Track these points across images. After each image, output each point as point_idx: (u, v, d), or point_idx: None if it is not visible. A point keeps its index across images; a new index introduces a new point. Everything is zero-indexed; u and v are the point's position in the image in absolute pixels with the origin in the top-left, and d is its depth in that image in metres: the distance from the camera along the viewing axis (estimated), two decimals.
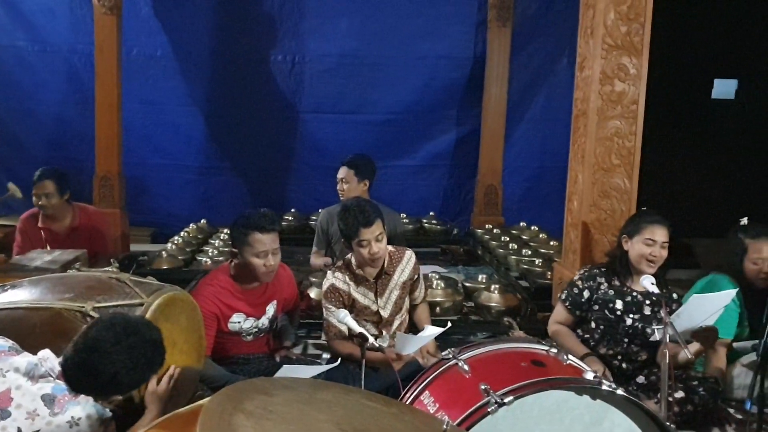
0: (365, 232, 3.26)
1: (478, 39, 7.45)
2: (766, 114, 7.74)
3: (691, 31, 7.41)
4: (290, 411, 1.53)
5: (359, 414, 1.61)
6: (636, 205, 3.98)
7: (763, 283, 3.57)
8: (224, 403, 1.45)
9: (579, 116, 4.14)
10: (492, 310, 4.55)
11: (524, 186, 7.83)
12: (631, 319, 3.43)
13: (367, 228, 3.26)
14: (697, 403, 3.28)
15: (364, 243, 3.28)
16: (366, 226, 3.26)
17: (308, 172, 7.62)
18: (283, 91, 7.51)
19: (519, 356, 2.41)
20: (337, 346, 3.35)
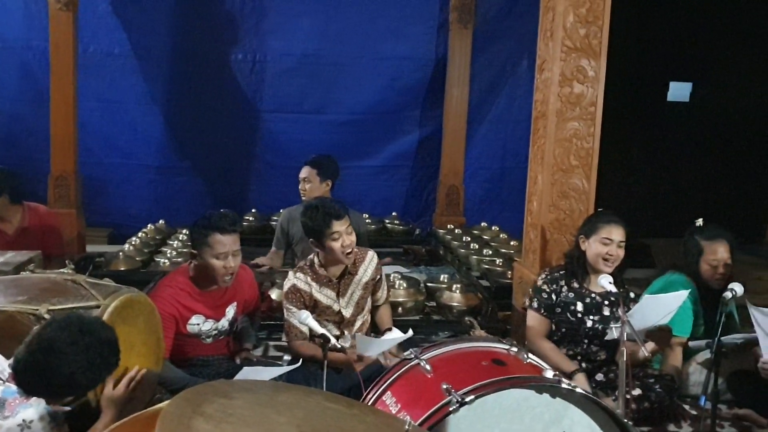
0: (337, 225, 3.27)
1: (440, 40, 7.49)
2: (721, 116, 7.94)
3: (647, 35, 7.57)
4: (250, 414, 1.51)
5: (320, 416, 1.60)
6: (594, 206, 4.04)
7: (718, 284, 3.64)
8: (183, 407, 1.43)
9: (539, 118, 4.18)
10: (454, 309, 4.58)
11: (485, 187, 7.89)
12: (591, 320, 3.48)
13: (338, 220, 3.27)
14: (653, 400, 3.35)
15: (336, 235, 3.27)
16: (337, 218, 3.28)
17: (269, 172, 7.57)
18: (244, 91, 7.45)
19: (480, 355, 2.42)
20: (299, 348, 3.33)
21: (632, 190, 7.91)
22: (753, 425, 3.42)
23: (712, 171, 8.07)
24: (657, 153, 8.06)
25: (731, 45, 7.72)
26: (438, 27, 7.50)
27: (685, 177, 8.05)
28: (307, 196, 4.47)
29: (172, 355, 3.18)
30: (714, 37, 7.72)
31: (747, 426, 3.43)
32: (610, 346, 3.46)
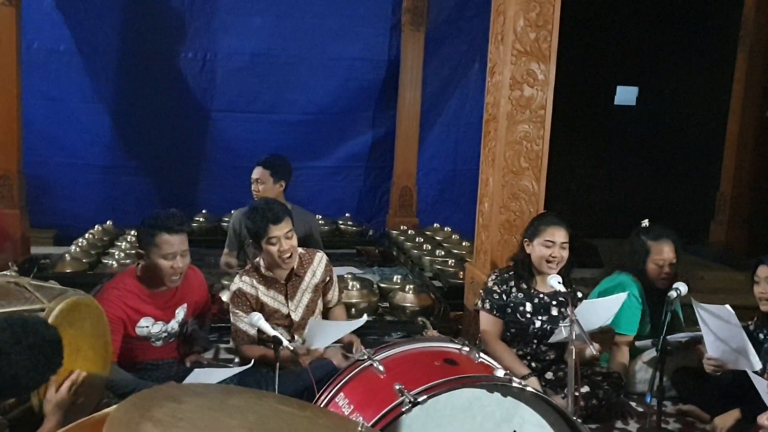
0: (274, 229, 3.23)
1: (393, 42, 7.52)
2: (666, 120, 8.17)
3: (595, 40, 7.73)
4: (201, 418, 1.49)
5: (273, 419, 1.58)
6: (543, 207, 4.10)
7: (664, 283, 3.74)
8: (131, 412, 1.40)
9: (490, 120, 4.23)
10: (406, 310, 4.60)
11: (438, 188, 7.95)
12: (540, 321, 3.53)
13: (276, 225, 3.23)
14: (601, 397, 3.42)
15: (273, 240, 3.24)
16: (275, 222, 3.23)
17: (220, 172, 7.47)
18: (194, 90, 7.34)
19: (432, 355, 2.44)
20: (247, 351, 3.29)
21: (580, 192, 8.07)
22: (696, 420, 3.52)
23: (658, 173, 8.29)
24: (604, 155, 8.24)
25: (676, 51, 7.95)
26: (391, 29, 7.52)
27: (632, 179, 8.25)
28: (260, 197, 4.43)
29: (121, 358, 3.11)
30: (659, 44, 7.94)
31: (691, 421, 3.52)
32: (559, 345, 3.51)
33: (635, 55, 8.00)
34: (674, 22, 7.93)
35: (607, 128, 8.23)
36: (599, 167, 8.26)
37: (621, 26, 7.86)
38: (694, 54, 7.97)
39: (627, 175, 8.26)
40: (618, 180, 8.28)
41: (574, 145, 7.74)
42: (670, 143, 8.21)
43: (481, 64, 7.18)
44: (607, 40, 7.84)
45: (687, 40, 7.95)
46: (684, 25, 7.94)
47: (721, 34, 7.76)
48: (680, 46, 7.95)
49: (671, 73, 8.03)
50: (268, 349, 3.18)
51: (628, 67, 8.12)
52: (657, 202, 7.83)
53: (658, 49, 7.95)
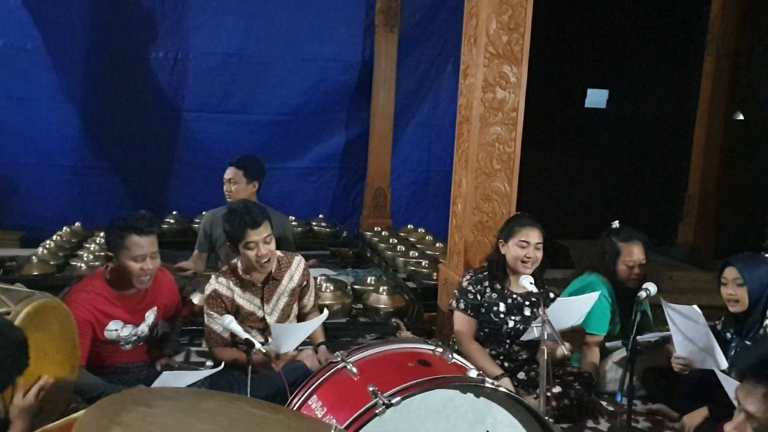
0: (252, 234, 3.20)
1: (367, 43, 7.52)
2: (636, 123, 8.28)
3: (566, 43, 7.81)
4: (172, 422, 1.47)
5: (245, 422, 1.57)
6: (515, 209, 4.13)
7: (633, 284, 3.79)
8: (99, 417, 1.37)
9: (463, 122, 4.24)
10: (380, 311, 4.59)
11: (411, 189, 7.96)
12: (513, 321, 3.55)
13: (254, 229, 3.20)
14: (573, 397, 3.45)
15: (251, 245, 3.21)
16: (253, 227, 3.20)
17: (191, 173, 7.40)
18: (165, 89, 7.26)
19: (406, 357, 2.44)
20: (219, 354, 3.26)
21: (552, 194, 8.14)
22: (665, 419, 3.56)
23: (628, 175, 8.40)
24: (575, 157, 8.32)
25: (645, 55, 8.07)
26: (364, 30, 7.52)
27: (602, 181, 8.35)
28: (233, 198, 4.39)
29: (90, 362, 3.06)
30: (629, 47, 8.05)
31: (660, 420, 3.57)
32: (531, 345, 3.53)
33: (605, 59, 8.10)
34: (643, 26, 8.05)
35: (578, 131, 8.32)
36: (570, 169, 8.35)
37: (591, 30, 7.95)
38: (662, 58, 8.09)
39: (597, 177, 8.36)
40: (589, 182, 8.37)
41: (545, 148, 7.81)
42: (640, 146, 8.33)
43: (455, 65, 7.20)
44: (578, 44, 7.93)
45: (656, 44, 8.08)
46: (653, 30, 8.06)
47: (688, 38, 7.89)
48: (649, 50, 8.07)
49: (641, 77, 8.15)
50: (242, 351, 3.16)
51: (599, 70, 8.22)
52: (627, 203, 7.93)
53: (627, 53, 8.06)
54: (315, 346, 3.52)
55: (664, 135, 8.32)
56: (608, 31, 7.98)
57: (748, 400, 1.33)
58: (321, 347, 3.50)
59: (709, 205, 7.41)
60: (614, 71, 8.21)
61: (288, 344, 3.03)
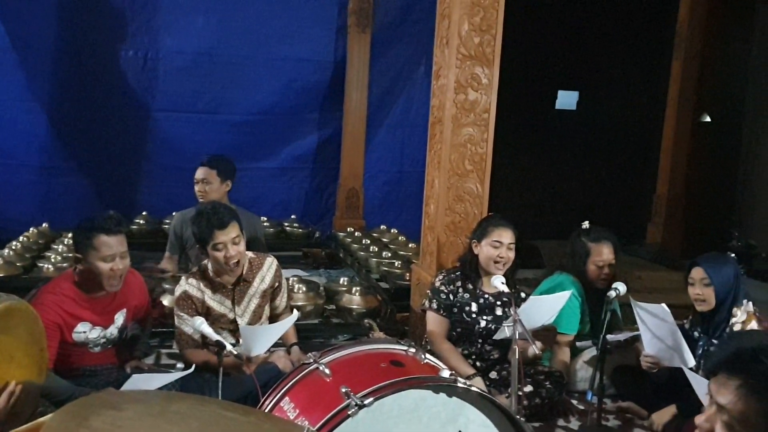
0: (220, 235, 3.17)
1: (339, 43, 7.50)
2: (605, 124, 8.38)
3: (537, 45, 7.88)
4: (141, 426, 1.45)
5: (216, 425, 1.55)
6: (488, 209, 4.16)
7: (603, 283, 3.83)
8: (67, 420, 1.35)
9: (435, 123, 4.26)
10: (353, 312, 4.59)
11: (384, 190, 7.96)
12: (485, 320, 3.57)
13: (221, 230, 3.17)
14: (544, 396, 3.48)
15: (219, 246, 3.18)
16: (220, 228, 3.17)
17: (162, 173, 7.31)
18: (135, 89, 7.17)
19: (379, 357, 2.44)
20: (190, 356, 3.23)
21: (523, 194, 8.21)
22: (635, 417, 3.61)
23: (598, 176, 8.50)
24: (546, 159, 8.40)
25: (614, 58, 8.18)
26: (336, 30, 7.50)
27: (572, 182, 8.44)
28: (205, 199, 4.34)
29: (57, 365, 3.01)
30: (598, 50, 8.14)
31: (629, 418, 3.62)
32: (503, 345, 3.56)
33: (575, 61, 8.19)
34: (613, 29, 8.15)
35: (549, 132, 8.40)
36: (541, 170, 8.42)
37: (561, 32, 8.03)
38: (631, 60, 8.21)
39: (568, 178, 8.45)
40: (559, 183, 8.45)
41: (516, 149, 7.87)
42: (609, 147, 8.44)
43: (427, 66, 7.23)
44: (549, 46, 8.01)
45: (625, 46, 8.19)
46: (622, 32, 8.17)
47: (657, 41, 8.02)
48: (618, 53, 8.18)
49: (610, 79, 8.26)
50: (213, 353, 3.13)
51: (569, 72, 8.30)
52: (597, 204, 8.02)
53: (597, 55, 8.16)
54: (287, 348, 3.50)
55: (633, 136, 8.43)
56: (578, 34, 8.07)
57: (720, 393, 1.35)
58: (293, 348, 3.49)
59: (677, 205, 7.54)
60: (584, 73, 8.30)
61: (259, 346, 3.01)
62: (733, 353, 1.36)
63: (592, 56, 8.14)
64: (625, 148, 8.44)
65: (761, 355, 1.31)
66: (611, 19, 8.12)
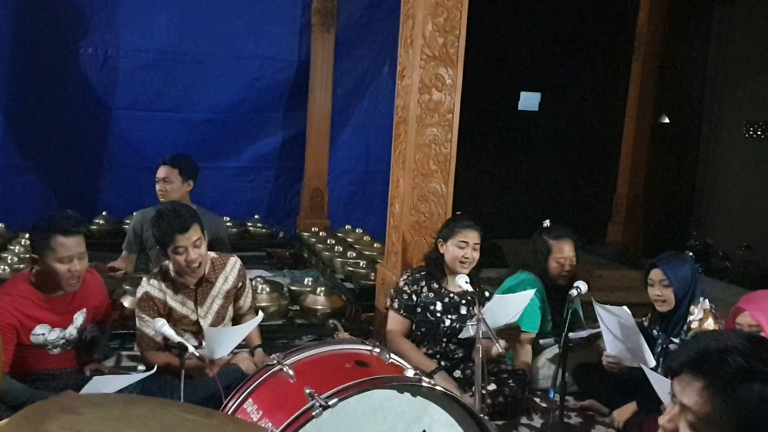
0: (181, 239, 3.12)
1: (303, 42, 7.47)
2: (567, 125, 8.49)
3: (500, 46, 7.94)
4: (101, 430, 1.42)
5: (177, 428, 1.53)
6: (452, 209, 4.18)
7: (564, 281, 3.88)
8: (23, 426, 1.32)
9: (400, 123, 4.26)
10: (318, 312, 4.56)
11: (349, 189, 7.95)
12: (449, 319, 3.59)
13: (182, 234, 3.12)
14: (507, 394, 3.51)
15: (180, 250, 3.13)
16: (181, 231, 3.11)
17: (122, 172, 7.19)
18: (94, 86, 7.03)
19: (343, 358, 2.43)
20: (152, 358, 3.18)
21: (486, 194, 8.27)
22: (596, 414, 3.66)
23: (559, 176, 8.60)
24: (509, 159, 8.48)
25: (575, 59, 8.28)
26: (300, 29, 7.47)
27: (535, 182, 8.53)
28: (166, 198, 4.27)
29: (14, 368, 2.94)
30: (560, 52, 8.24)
31: (591, 415, 3.67)
32: (467, 343, 3.58)
33: (538, 63, 8.28)
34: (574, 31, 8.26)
35: (512, 133, 8.48)
36: (504, 170, 8.50)
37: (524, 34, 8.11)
38: (593, 62, 8.33)
39: (530, 178, 8.54)
40: (522, 183, 8.54)
41: (480, 149, 7.93)
42: (571, 148, 8.55)
43: (392, 66, 7.24)
44: (511, 47, 8.08)
45: (586, 48, 8.30)
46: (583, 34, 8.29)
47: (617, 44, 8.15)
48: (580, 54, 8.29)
49: (572, 80, 8.36)
50: (175, 355, 3.09)
51: (531, 73, 8.39)
52: (559, 204, 8.13)
53: (559, 57, 8.26)
54: (251, 349, 3.47)
55: (594, 137, 8.56)
56: (540, 36, 8.16)
57: (684, 393, 1.34)
58: (257, 350, 3.46)
59: (637, 205, 7.67)
60: (546, 75, 8.40)
61: (222, 348, 2.98)
62: (698, 354, 1.34)
63: (554, 58, 8.24)
64: (587, 149, 8.56)
65: (727, 356, 1.30)
66: (573, 21, 8.23)
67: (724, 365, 1.30)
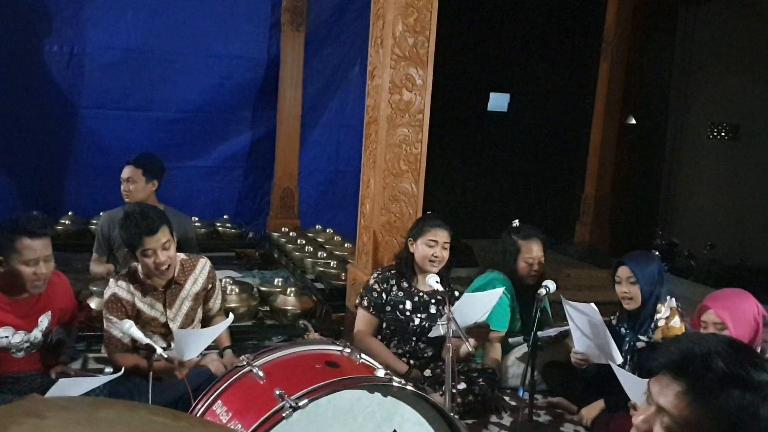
0: (149, 241, 3.08)
1: (273, 41, 7.43)
2: (536, 126, 8.57)
3: (470, 47, 7.99)
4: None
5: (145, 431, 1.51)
6: (422, 209, 4.19)
7: (533, 280, 3.92)
8: None
9: (370, 123, 4.27)
10: (288, 313, 4.54)
11: (320, 189, 7.92)
12: (419, 318, 3.60)
13: (150, 236, 3.07)
14: (477, 393, 3.53)
15: (148, 252, 3.09)
16: (150, 234, 3.07)
17: (88, 172, 7.07)
18: (60, 85, 6.91)
19: (313, 358, 2.42)
20: (120, 360, 3.13)
21: (456, 194, 8.32)
22: (565, 411, 3.70)
23: (528, 176, 8.68)
24: (479, 159, 8.54)
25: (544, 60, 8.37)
26: (270, 28, 7.42)
27: (504, 182, 8.60)
28: (131, 198, 4.22)
29: None
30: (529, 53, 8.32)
31: (560, 413, 3.70)
32: (437, 343, 3.59)
33: (507, 64, 8.34)
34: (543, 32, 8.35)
35: (481, 133, 8.53)
36: (474, 171, 8.55)
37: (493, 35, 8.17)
38: (561, 63, 8.42)
39: (500, 179, 8.60)
40: (491, 183, 8.60)
41: (450, 150, 7.97)
42: (540, 148, 8.63)
43: (362, 66, 7.23)
44: (481, 48, 8.13)
45: (555, 50, 8.39)
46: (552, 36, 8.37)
47: (585, 45, 8.25)
48: (549, 56, 8.38)
49: (540, 82, 8.44)
50: (143, 357, 3.05)
51: (500, 74, 8.45)
52: (527, 203, 8.20)
53: (528, 58, 8.34)
54: (220, 351, 3.44)
55: (562, 138, 8.65)
56: (510, 37, 8.22)
57: (662, 394, 1.31)
58: (226, 351, 3.43)
59: (604, 205, 7.77)
60: (515, 76, 8.47)
61: (191, 351, 2.95)
62: (680, 356, 1.32)
63: (523, 60, 8.32)
64: (555, 150, 8.65)
65: (710, 361, 1.28)
66: (541, 23, 8.31)
67: (706, 370, 1.27)
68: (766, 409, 1.25)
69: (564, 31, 8.36)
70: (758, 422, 1.24)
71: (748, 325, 2.86)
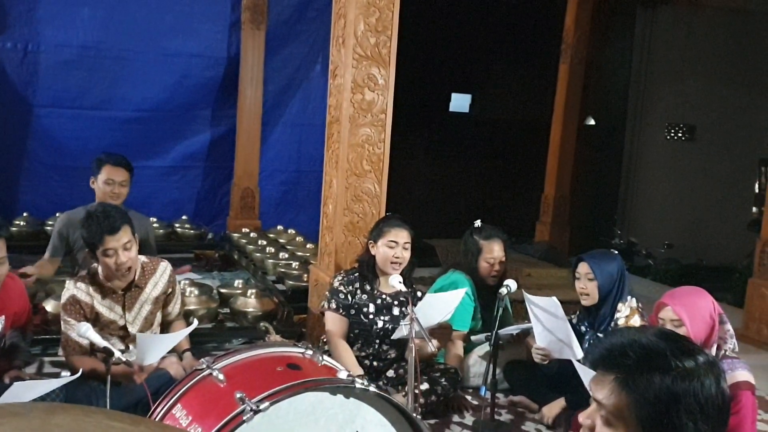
0: (110, 240, 3.02)
1: (233, 40, 7.35)
2: (496, 127, 8.65)
3: (431, 48, 8.03)
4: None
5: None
6: (385, 209, 4.19)
7: (494, 280, 3.95)
8: None
9: (333, 123, 4.25)
10: (249, 315, 4.49)
11: (281, 189, 7.86)
12: (382, 321, 3.60)
13: (112, 235, 3.02)
14: (439, 392, 3.54)
15: (109, 252, 3.03)
16: (111, 233, 3.02)
17: (44, 172, 6.90)
18: (14, 83, 6.73)
19: (275, 361, 2.40)
20: (77, 363, 3.06)
21: (419, 194, 8.35)
22: (526, 410, 3.74)
23: (489, 177, 8.76)
24: (441, 160, 8.59)
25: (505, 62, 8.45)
26: (230, 26, 7.34)
27: (466, 182, 8.67)
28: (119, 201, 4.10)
29: None
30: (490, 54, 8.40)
31: (521, 411, 3.74)
32: (400, 344, 3.59)
33: (468, 65, 8.41)
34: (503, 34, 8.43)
35: (443, 134, 8.58)
36: (436, 171, 8.60)
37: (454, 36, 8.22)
38: (521, 65, 8.51)
39: (461, 179, 8.67)
40: (453, 183, 8.65)
41: (412, 150, 8.00)
42: (500, 149, 8.72)
43: (323, 65, 7.20)
44: (443, 49, 8.18)
45: (515, 51, 8.49)
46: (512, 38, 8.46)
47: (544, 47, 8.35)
48: (509, 57, 8.47)
49: (501, 83, 8.54)
50: (101, 361, 2.99)
51: (462, 75, 8.52)
52: (489, 204, 8.28)
53: (489, 59, 8.42)
54: (179, 354, 3.39)
55: (522, 139, 8.75)
56: (471, 38, 8.29)
57: (597, 389, 1.37)
58: (186, 354, 3.38)
59: (564, 205, 7.88)
60: (476, 77, 8.54)
61: (152, 355, 2.90)
62: (606, 349, 1.38)
63: (484, 61, 8.39)
64: (516, 150, 8.75)
65: (629, 350, 1.34)
66: (502, 24, 8.40)
67: (624, 358, 1.33)
68: (689, 393, 1.29)
69: (524, 32, 8.45)
70: (679, 405, 1.28)
71: (704, 322, 2.91)
